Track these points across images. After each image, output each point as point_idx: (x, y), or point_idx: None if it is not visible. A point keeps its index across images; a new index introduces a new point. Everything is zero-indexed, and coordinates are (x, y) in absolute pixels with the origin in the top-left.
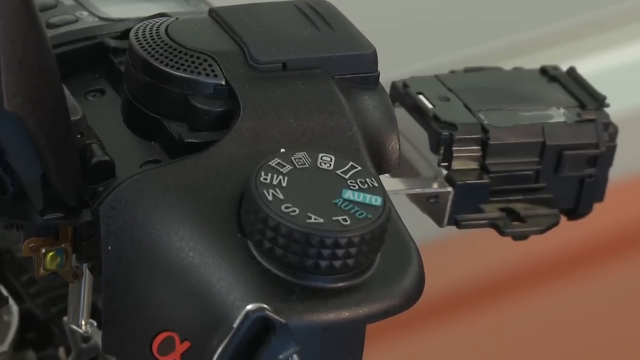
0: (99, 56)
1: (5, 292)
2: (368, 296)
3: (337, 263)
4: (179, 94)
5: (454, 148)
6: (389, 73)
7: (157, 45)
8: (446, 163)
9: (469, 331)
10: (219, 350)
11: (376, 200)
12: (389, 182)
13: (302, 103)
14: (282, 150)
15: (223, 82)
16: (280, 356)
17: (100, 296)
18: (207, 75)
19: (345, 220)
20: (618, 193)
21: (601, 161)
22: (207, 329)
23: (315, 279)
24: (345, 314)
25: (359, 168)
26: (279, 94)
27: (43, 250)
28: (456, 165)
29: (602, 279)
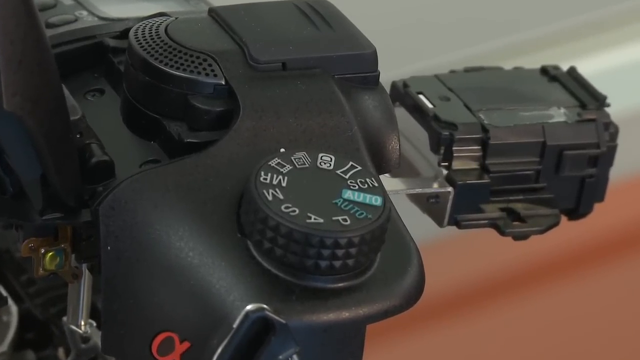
0: (99, 56)
1: (4, 292)
2: (368, 296)
3: (337, 263)
4: (179, 94)
5: (454, 148)
6: (389, 73)
7: (157, 44)
8: (446, 163)
9: (469, 331)
10: (219, 350)
11: (376, 200)
12: (389, 182)
13: (302, 103)
14: (282, 150)
15: (223, 82)
16: (280, 356)
17: (99, 296)
18: (207, 75)
19: (345, 220)
20: (619, 193)
21: (602, 161)
22: (207, 329)
23: (315, 279)
24: (345, 314)
25: (359, 168)
26: (279, 94)
27: (42, 250)
28: (456, 165)
29: (602, 279)
